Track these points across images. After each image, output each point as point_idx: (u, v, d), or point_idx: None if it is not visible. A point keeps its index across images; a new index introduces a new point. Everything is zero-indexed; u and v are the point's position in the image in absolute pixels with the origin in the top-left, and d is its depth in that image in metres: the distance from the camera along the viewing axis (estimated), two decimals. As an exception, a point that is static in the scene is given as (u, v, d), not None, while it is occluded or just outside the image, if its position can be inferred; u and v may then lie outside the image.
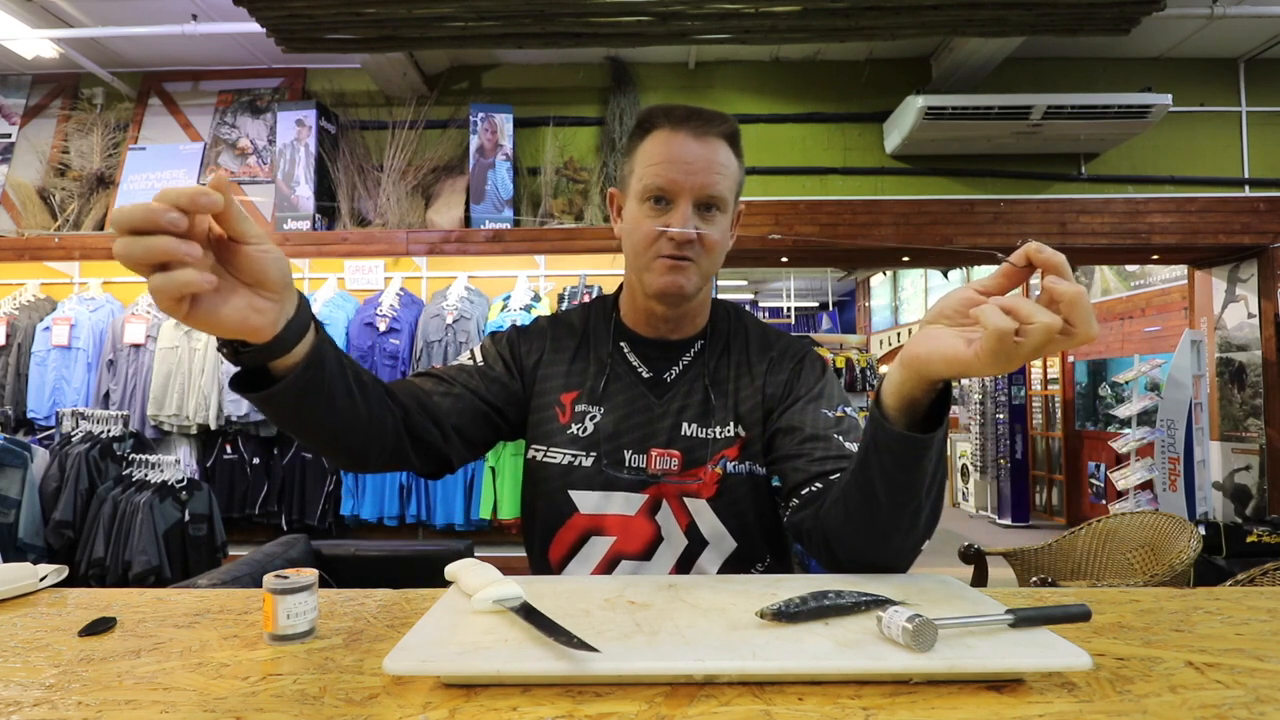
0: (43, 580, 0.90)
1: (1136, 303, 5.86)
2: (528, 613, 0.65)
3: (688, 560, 0.94)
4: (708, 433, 0.95)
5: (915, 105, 3.60)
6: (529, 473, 1.00)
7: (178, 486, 2.95)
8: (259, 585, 0.73)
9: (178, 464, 3.04)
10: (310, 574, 0.72)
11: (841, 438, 0.89)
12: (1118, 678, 0.60)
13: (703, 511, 0.94)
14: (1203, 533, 3.26)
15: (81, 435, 3.14)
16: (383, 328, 3.50)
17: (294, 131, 3.85)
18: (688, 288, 0.91)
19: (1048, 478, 6.81)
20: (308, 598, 0.71)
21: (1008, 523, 6.55)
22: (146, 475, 2.98)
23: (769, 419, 0.96)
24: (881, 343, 11.71)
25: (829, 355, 7.54)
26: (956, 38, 3.65)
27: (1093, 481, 6.24)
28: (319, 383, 0.68)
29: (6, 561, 2.24)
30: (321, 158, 3.84)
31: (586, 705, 0.54)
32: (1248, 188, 4.03)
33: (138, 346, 3.59)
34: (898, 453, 0.70)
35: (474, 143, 3.82)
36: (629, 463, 0.94)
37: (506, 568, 0.77)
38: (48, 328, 3.65)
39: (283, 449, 3.64)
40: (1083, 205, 3.94)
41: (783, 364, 0.99)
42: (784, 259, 4.38)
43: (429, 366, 1.18)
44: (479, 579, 0.72)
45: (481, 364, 0.99)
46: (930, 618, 0.59)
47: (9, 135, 4.21)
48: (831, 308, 13.51)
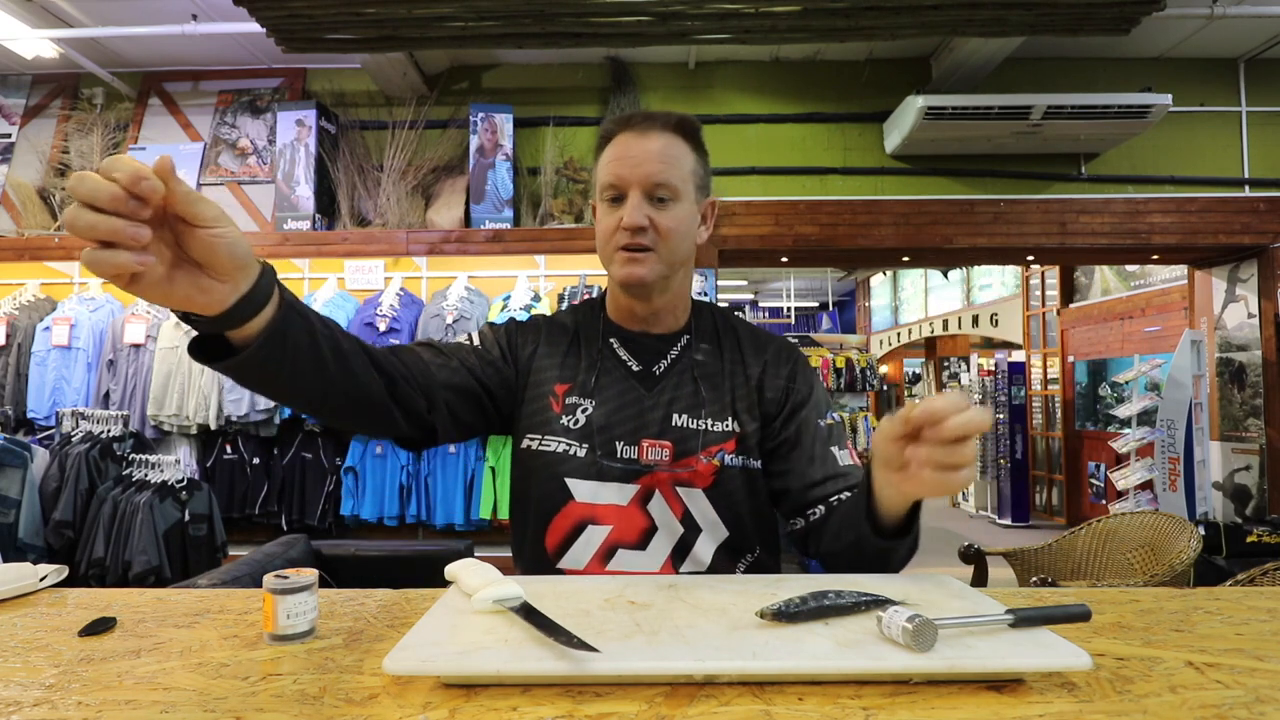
0: (43, 580, 0.90)
1: (1136, 303, 5.86)
2: (528, 613, 0.65)
3: (683, 548, 0.96)
4: (698, 424, 0.98)
5: (915, 105, 3.60)
6: (522, 462, 1.01)
7: (178, 486, 2.95)
8: (259, 585, 0.73)
9: (178, 464, 3.04)
10: (310, 574, 0.72)
11: (835, 449, 0.99)
12: (1118, 678, 0.60)
13: (698, 501, 0.96)
14: (1203, 533, 3.26)
15: (81, 435, 3.14)
16: (383, 328, 3.50)
17: (294, 131, 3.85)
18: (647, 276, 0.96)
19: (1048, 478, 6.82)
20: (308, 598, 0.71)
21: (1008, 523, 6.56)
22: (146, 475, 2.98)
23: (769, 420, 1.00)
24: (881, 343, 11.71)
25: (829, 355, 7.54)
26: (956, 38, 3.65)
27: (1093, 481, 6.24)
28: (279, 356, 0.69)
29: (6, 561, 2.24)
30: (321, 158, 3.84)
31: (586, 705, 0.54)
32: (1248, 188, 4.03)
33: (138, 346, 3.59)
34: (882, 546, 0.83)
35: (474, 143, 3.82)
36: (621, 454, 0.96)
37: (506, 568, 0.77)
38: (48, 328, 3.65)
39: (283, 449, 3.64)
40: (1083, 205, 3.94)
41: (779, 367, 1.03)
42: (784, 259, 4.38)
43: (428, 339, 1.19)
44: (479, 579, 0.72)
45: (479, 346, 1.02)
46: (930, 618, 0.59)
47: (9, 135, 4.21)
48: (831, 308, 13.51)
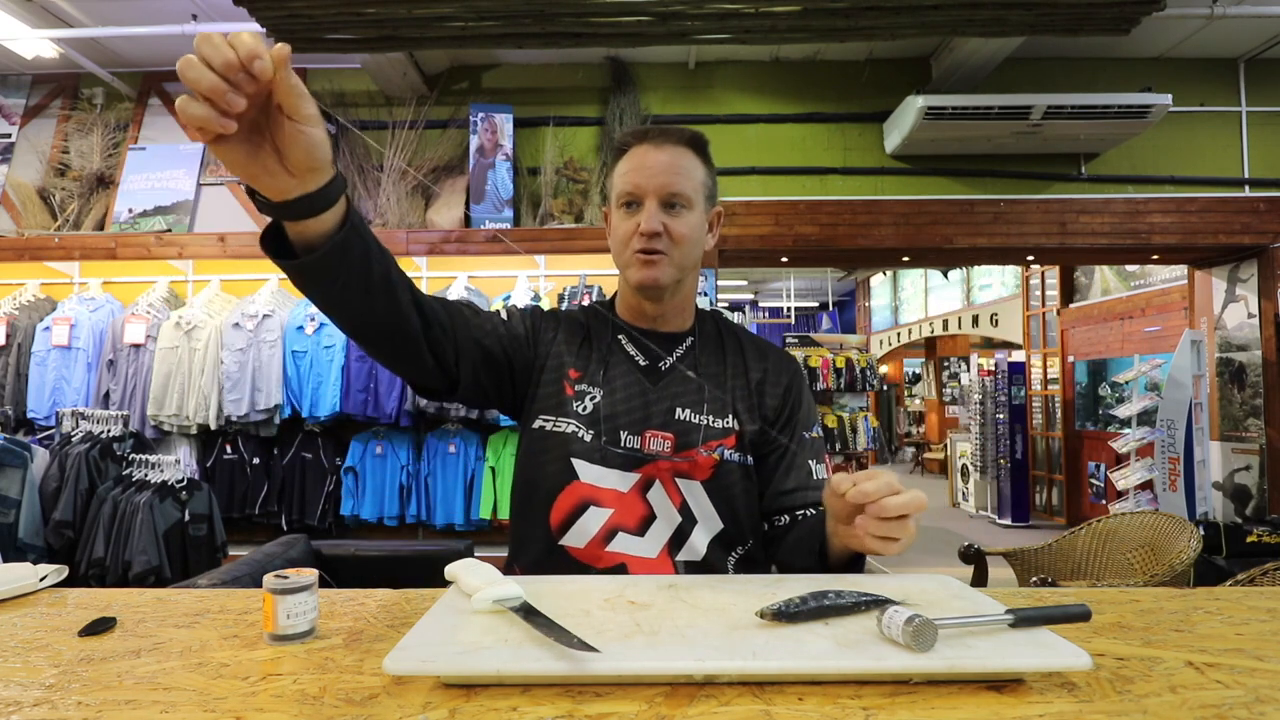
0: (43, 580, 0.90)
1: (1136, 303, 5.86)
2: (528, 613, 0.65)
3: (680, 537, 1.00)
4: (700, 419, 1.03)
5: (915, 105, 3.60)
6: (533, 442, 1.04)
7: (178, 486, 2.95)
8: (259, 585, 0.73)
9: (178, 464, 3.04)
10: (310, 574, 0.72)
11: (813, 462, 1.07)
12: (1118, 678, 0.60)
13: (696, 493, 1.01)
14: (1203, 533, 3.26)
15: (81, 435, 3.14)
16: (383, 328, 3.50)
17: (294, 131, 3.84)
18: (662, 279, 1.02)
19: (1048, 478, 6.82)
20: (308, 598, 0.71)
21: (1008, 523, 6.55)
22: (146, 475, 2.98)
23: (767, 424, 1.07)
24: (881, 343, 11.71)
25: (829, 355, 7.54)
26: (956, 38, 3.65)
27: (1093, 481, 6.24)
28: (334, 270, 0.76)
29: (6, 561, 2.24)
30: (321, 158, 3.84)
31: (586, 705, 0.54)
32: (1248, 188, 4.03)
33: (138, 346, 3.59)
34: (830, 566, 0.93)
35: (474, 143, 3.82)
36: (624, 443, 1.01)
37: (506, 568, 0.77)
38: (48, 328, 3.65)
39: (283, 449, 3.64)
40: (1083, 205, 3.94)
41: (780, 376, 1.10)
42: (784, 259, 4.38)
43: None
44: (479, 579, 0.73)
45: (507, 322, 1.07)
46: (930, 618, 0.59)
47: (9, 135, 4.21)
48: (831, 308, 13.51)
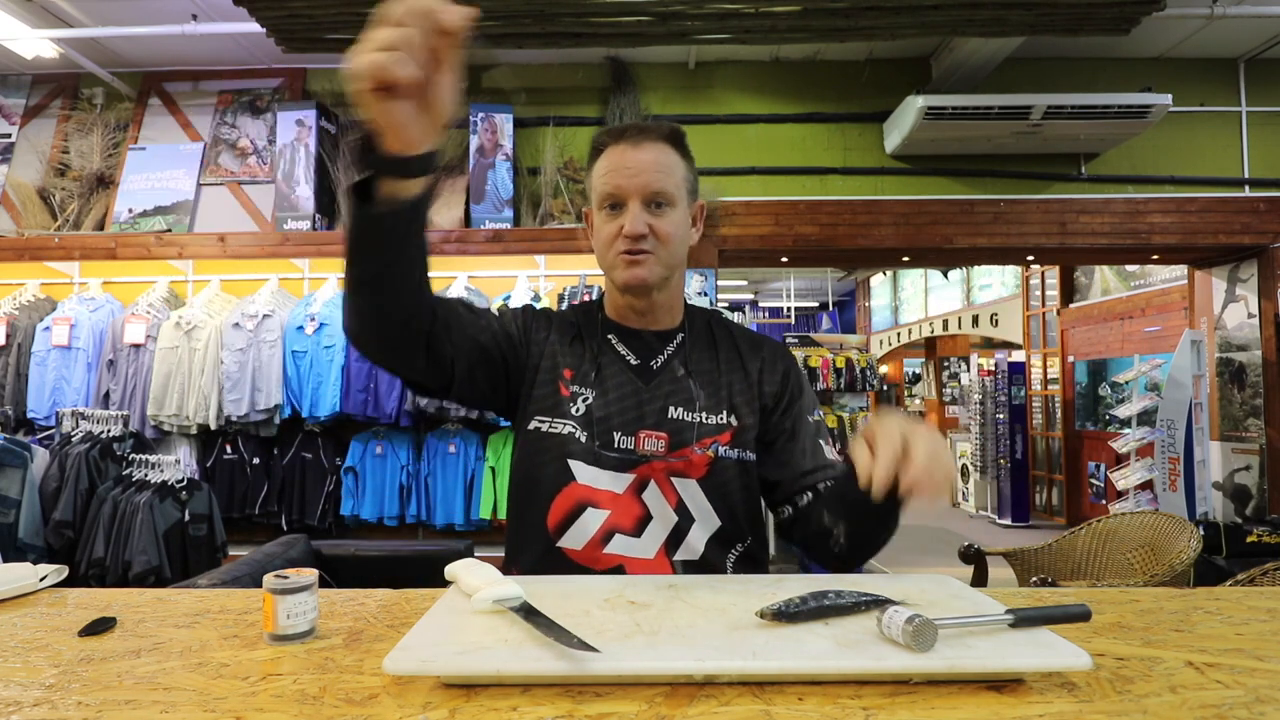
0: (43, 580, 0.90)
1: (1136, 303, 5.86)
2: (528, 613, 0.66)
3: (677, 536, 0.99)
4: (694, 417, 1.02)
5: (915, 105, 3.60)
6: (529, 444, 1.04)
7: (178, 486, 2.95)
8: (259, 585, 0.73)
9: (178, 464, 3.04)
10: (310, 574, 0.72)
11: (822, 443, 1.07)
12: (1118, 678, 0.60)
13: (692, 491, 1.00)
14: (1203, 533, 3.26)
15: (81, 435, 3.14)
16: (383, 328, 3.50)
17: (294, 131, 3.85)
18: (649, 277, 1.01)
19: (1048, 478, 6.81)
20: (308, 598, 0.71)
21: (1008, 523, 6.55)
22: (146, 475, 2.98)
23: (768, 414, 1.07)
24: (881, 343, 11.71)
25: (829, 355, 7.54)
26: (956, 38, 3.64)
27: (1093, 481, 6.24)
28: (406, 232, 0.80)
29: (6, 561, 2.24)
30: (321, 158, 3.84)
31: (586, 705, 0.54)
32: (1248, 188, 4.03)
33: (138, 346, 3.59)
34: (876, 521, 0.92)
35: (474, 143, 3.82)
36: (618, 444, 1.00)
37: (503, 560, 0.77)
38: (48, 328, 3.65)
39: (283, 449, 3.64)
40: (1083, 205, 3.94)
41: (775, 364, 1.10)
42: (784, 259, 4.38)
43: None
44: (479, 579, 0.73)
45: (500, 320, 1.08)
46: (930, 618, 0.59)
47: (9, 135, 4.21)
48: (831, 308, 13.51)
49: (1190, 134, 4.03)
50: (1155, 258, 4.63)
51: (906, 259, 4.50)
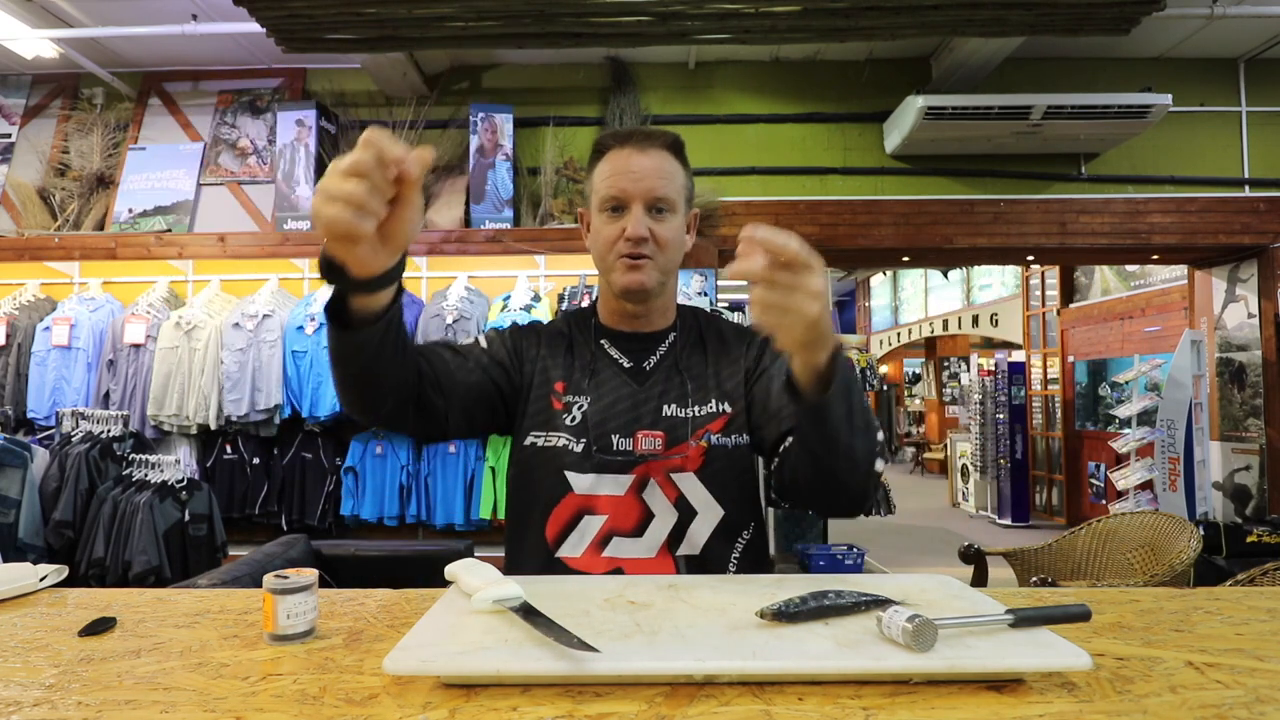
0: (43, 580, 0.90)
1: (1136, 303, 5.86)
2: (528, 613, 0.65)
3: (679, 532, 0.99)
4: (687, 412, 1.04)
5: (915, 105, 3.60)
6: (525, 459, 1.05)
7: (178, 486, 2.95)
8: (259, 585, 0.73)
9: (178, 464, 3.04)
10: (310, 574, 0.72)
11: None
12: (1118, 678, 0.60)
13: (690, 484, 1.01)
14: (1203, 533, 3.26)
15: (81, 435, 3.14)
16: (383, 328, 3.50)
17: (294, 131, 3.85)
18: (648, 283, 1.03)
19: (1048, 478, 6.81)
20: (308, 598, 0.71)
21: (1008, 523, 6.55)
22: (146, 475, 2.98)
23: (748, 374, 1.07)
24: (881, 343, 11.72)
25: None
26: (956, 38, 3.64)
27: (1093, 481, 6.24)
28: (385, 333, 0.83)
29: (6, 561, 2.24)
30: (322, 158, 3.84)
31: (586, 705, 0.54)
32: (1248, 188, 4.03)
33: (138, 346, 3.59)
34: (810, 417, 0.82)
35: (474, 143, 3.82)
36: (616, 446, 1.01)
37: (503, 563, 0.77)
38: (48, 328, 3.65)
39: (283, 449, 3.64)
40: (1083, 205, 3.94)
41: (754, 342, 1.11)
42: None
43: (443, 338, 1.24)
44: (479, 579, 0.73)
45: (487, 349, 1.08)
46: (930, 618, 0.59)
47: (9, 135, 4.21)
48: (831, 308, 13.51)
49: (1190, 134, 4.03)
50: (1155, 258, 4.63)
51: (906, 259, 4.50)
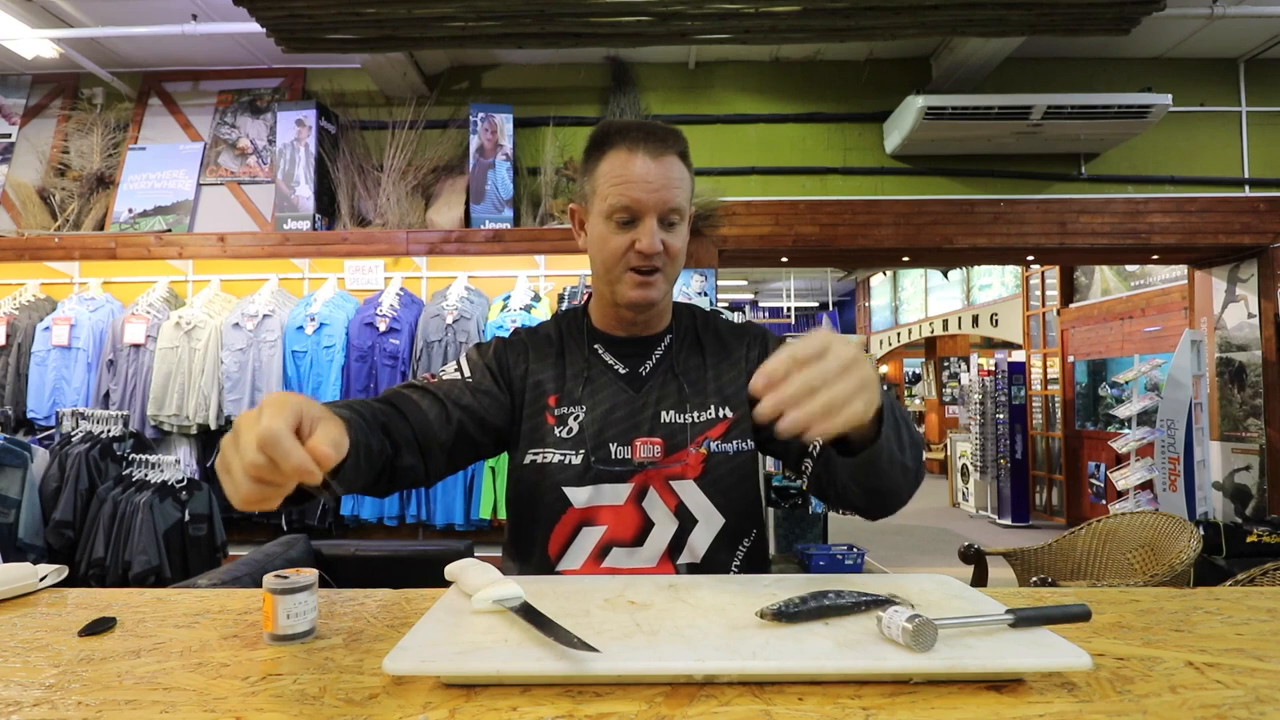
0: (43, 580, 0.90)
1: (1136, 303, 5.86)
2: (528, 613, 0.66)
3: (679, 541, 0.98)
4: (686, 418, 1.01)
5: (915, 105, 3.60)
6: (523, 477, 1.02)
7: (178, 486, 2.95)
8: (259, 585, 0.73)
9: (178, 464, 3.04)
10: (310, 574, 0.72)
11: None
12: (1118, 678, 0.60)
13: (690, 491, 0.99)
14: (1203, 533, 3.26)
15: (81, 435, 3.14)
16: (383, 328, 3.50)
17: (294, 131, 3.85)
18: (657, 298, 1.00)
19: (1048, 478, 6.81)
20: (308, 598, 0.71)
21: (1008, 523, 6.55)
22: (146, 475, 2.98)
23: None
24: (881, 343, 11.72)
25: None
26: (956, 38, 3.64)
27: (1093, 481, 6.24)
28: (346, 481, 0.78)
29: (6, 561, 2.24)
30: (321, 158, 3.84)
31: (586, 705, 0.54)
32: (1248, 188, 4.03)
33: (138, 346, 3.59)
34: (863, 460, 0.80)
35: (474, 143, 3.82)
36: (615, 455, 0.99)
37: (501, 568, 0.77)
38: (48, 328, 3.65)
39: (283, 449, 3.64)
40: (1083, 205, 3.94)
41: (756, 343, 1.09)
42: (784, 259, 4.38)
43: (425, 373, 1.22)
44: (479, 579, 0.73)
45: (470, 378, 1.03)
46: (930, 618, 0.59)
47: (9, 135, 4.21)
48: (831, 308, 13.51)
49: (1190, 134, 4.03)
50: (1155, 258, 4.63)
51: (906, 259, 4.50)
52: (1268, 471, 4.08)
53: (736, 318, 4.70)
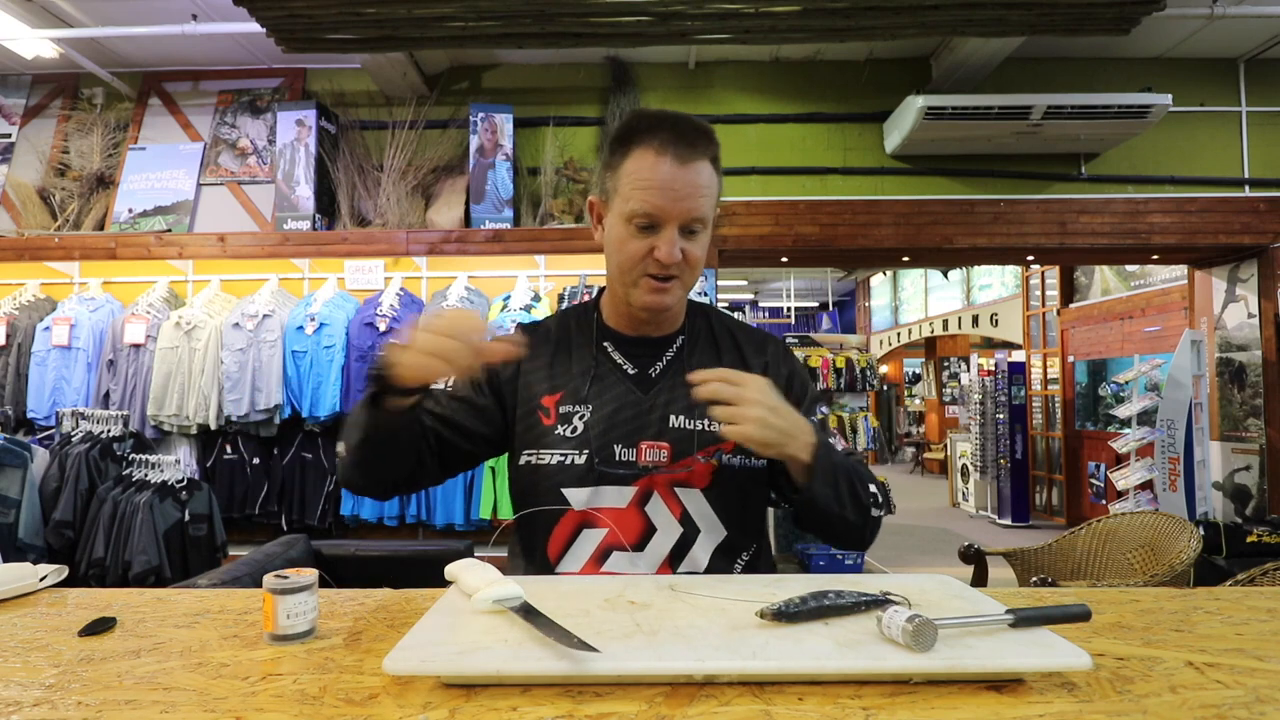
0: (43, 580, 0.90)
1: (1136, 303, 5.86)
2: (528, 613, 0.65)
3: (681, 549, 0.96)
4: (695, 424, 0.99)
5: (915, 105, 3.60)
6: (521, 478, 1.02)
7: (178, 486, 2.95)
8: (259, 585, 0.73)
9: (178, 464, 3.04)
10: (310, 574, 0.72)
11: (831, 440, 1.03)
12: (1118, 678, 0.60)
13: (697, 501, 0.97)
14: (1203, 533, 3.26)
15: (81, 435, 3.14)
16: (383, 328, 3.50)
17: (294, 131, 3.85)
18: (672, 304, 0.99)
19: (1048, 478, 6.81)
20: (308, 598, 0.71)
21: (1008, 523, 6.55)
22: (146, 475, 2.98)
23: None
24: (881, 343, 11.72)
25: (829, 355, 7.55)
26: (956, 38, 3.64)
27: (1093, 481, 6.24)
28: (407, 424, 0.93)
29: (6, 561, 2.24)
30: (321, 158, 3.84)
31: (586, 705, 0.54)
32: (1248, 188, 4.03)
33: (138, 346, 3.59)
34: (801, 501, 0.92)
35: (474, 143, 3.82)
36: (619, 457, 0.97)
37: (506, 568, 0.77)
38: (48, 328, 3.65)
39: (283, 449, 3.64)
40: (1083, 205, 3.94)
41: (780, 368, 1.07)
42: (784, 259, 4.38)
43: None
44: (479, 579, 0.73)
45: (449, 386, 1.04)
46: (930, 618, 0.59)
47: (9, 135, 4.21)
48: (831, 308, 13.51)
49: (1190, 134, 4.03)
50: (1155, 258, 4.63)
51: (906, 259, 4.50)
52: (1268, 471, 4.08)
53: (736, 318, 4.67)
